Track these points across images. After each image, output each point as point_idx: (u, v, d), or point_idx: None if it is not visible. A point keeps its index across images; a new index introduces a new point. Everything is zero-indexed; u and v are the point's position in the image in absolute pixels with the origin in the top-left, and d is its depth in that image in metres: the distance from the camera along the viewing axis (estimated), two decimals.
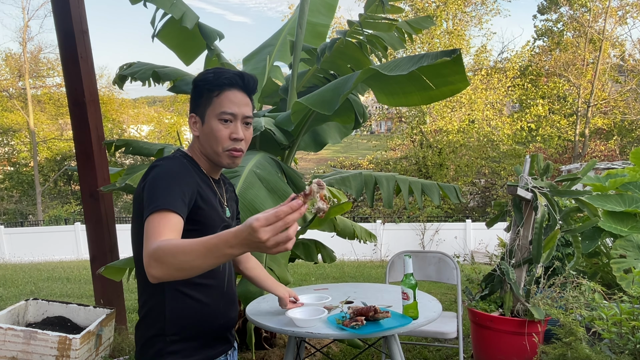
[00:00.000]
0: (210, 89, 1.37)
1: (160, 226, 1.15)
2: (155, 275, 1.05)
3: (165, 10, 3.18)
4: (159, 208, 1.17)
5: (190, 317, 1.33)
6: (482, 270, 3.76)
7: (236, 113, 1.37)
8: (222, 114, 1.36)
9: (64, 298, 5.93)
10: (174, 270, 1.04)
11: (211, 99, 1.36)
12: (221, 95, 1.36)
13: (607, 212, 4.21)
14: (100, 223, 3.81)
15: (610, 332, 2.61)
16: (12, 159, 24.98)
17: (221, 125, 1.36)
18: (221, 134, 1.36)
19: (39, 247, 13.85)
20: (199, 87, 1.39)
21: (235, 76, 1.37)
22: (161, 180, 1.24)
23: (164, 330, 1.31)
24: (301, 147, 3.70)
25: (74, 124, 3.79)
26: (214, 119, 1.36)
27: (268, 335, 3.55)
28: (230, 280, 1.46)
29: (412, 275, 1.87)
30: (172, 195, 1.21)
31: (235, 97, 1.37)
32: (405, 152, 20.78)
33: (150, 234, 1.13)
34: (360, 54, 3.49)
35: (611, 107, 21.22)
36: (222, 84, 1.36)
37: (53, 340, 3.11)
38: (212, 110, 1.36)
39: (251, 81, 1.40)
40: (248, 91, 1.41)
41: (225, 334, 1.44)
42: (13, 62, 23.92)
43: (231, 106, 1.36)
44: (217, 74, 1.37)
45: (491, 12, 20.70)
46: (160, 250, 1.05)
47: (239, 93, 1.38)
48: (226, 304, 1.43)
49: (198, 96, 1.39)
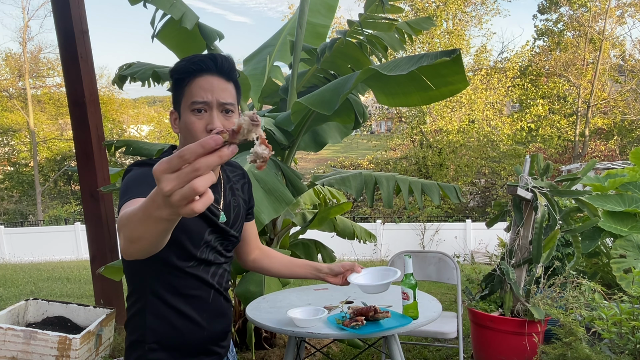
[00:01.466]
0: (180, 78, 1.22)
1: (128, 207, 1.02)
2: (123, 250, 0.93)
3: (165, 11, 3.18)
4: (128, 199, 1.08)
5: (171, 328, 1.27)
6: (482, 270, 3.76)
7: (208, 100, 1.20)
8: (193, 104, 1.20)
9: (64, 298, 5.93)
10: (129, 242, 0.88)
11: (182, 90, 1.22)
12: (192, 83, 1.21)
13: (607, 212, 4.21)
14: (100, 223, 3.81)
15: (610, 332, 2.61)
16: (12, 159, 24.99)
17: (194, 117, 1.20)
18: (195, 127, 1.20)
19: (39, 247, 13.85)
20: (172, 79, 1.25)
21: (206, 59, 1.21)
22: (132, 181, 1.16)
23: (144, 337, 1.27)
24: (301, 147, 3.70)
25: (74, 124, 3.80)
26: (187, 111, 1.21)
27: (268, 335, 3.55)
28: (218, 293, 1.36)
29: (412, 275, 1.87)
30: (143, 189, 1.09)
31: (207, 83, 1.21)
32: (405, 152, 20.79)
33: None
34: (360, 54, 3.49)
35: (611, 107, 21.23)
36: (191, 70, 1.21)
37: (53, 340, 3.11)
38: (185, 102, 1.22)
39: (225, 62, 1.23)
40: (224, 74, 1.23)
41: (208, 347, 1.34)
42: (13, 62, 23.93)
43: (202, 93, 1.20)
44: (186, 60, 1.22)
45: (491, 12, 20.73)
46: (119, 223, 0.92)
47: (212, 77, 1.21)
48: (210, 317, 1.33)
49: (174, 89, 1.25)
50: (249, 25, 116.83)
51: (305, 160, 30.90)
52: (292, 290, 2.45)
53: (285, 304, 2.12)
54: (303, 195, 3.99)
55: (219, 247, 1.33)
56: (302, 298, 2.23)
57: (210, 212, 1.29)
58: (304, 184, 3.12)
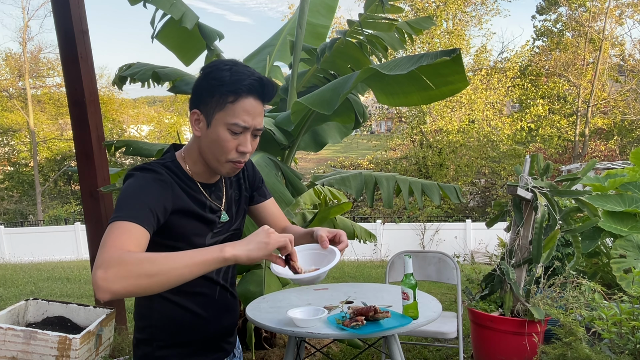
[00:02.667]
0: (225, 92, 1.19)
1: (122, 237, 1.03)
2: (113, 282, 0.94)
3: (165, 11, 3.18)
4: (121, 218, 1.07)
5: (178, 324, 1.29)
6: (482, 270, 3.76)
7: (249, 125, 1.21)
8: (234, 125, 1.20)
9: (64, 298, 5.93)
10: (145, 277, 0.96)
11: (224, 104, 1.19)
12: (237, 103, 1.19)
13: (607, 212, 4.21)
14: (100, 223, 3.81)
15: (610, 332, 2.61)
16: (12, 159, 25.00)
17: (230, 135, 1.21)
18: (228, 145, 1.21)
19: (39, 247, 13.85)
20: (211, 86, 1.20)
21: (255, 82, 1.20)
22: (130, 192, 1.14)
23: (153, 335, 1.28)
24: (301, 147, 3.70)
25: (74, 124, 3.79)
26: (223, 126, 1.20)
27: (268, 335, 3.55)
28: (224, 289, 1.37)
29: (412, 275, 1.87)
30: (138, 207, 1.10)
31: (252, 107, 1.21)
32: (405, 152, 20.80)
33: (110, 243, 1.01)
34: (360, 54, 3.49)
35: (611, 107, 21.24)
36: (240, 90, 1.19)
37: (53, 340, 3.11)
38: (223, 117, 1.20)
39: (270, 89, 1.24)
40: (265, 99, 1.25)
41: (217, 343, 1.36)
42: (13, 62, 23.94)
43: (246, 118, 1.20)
44: (234, 76, 1.19)
45: (491, 12, 20.75)
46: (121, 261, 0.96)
47: (256, 102, 1.22)
48: (218, 312, 1.35)
49: (208, 94, 1.21)
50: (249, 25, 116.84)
51: (305, 160, 30.89)
52: (292, 290, 2.45)
53: (285, 304, 2.12)
54: (303, 195, 3.99)
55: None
56: (302, 298, 2.23)
57: (212, 215, 1.30)
58: (303, 184, 3.12)
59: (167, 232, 1.20)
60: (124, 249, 1.00)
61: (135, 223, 1.06)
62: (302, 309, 1.88)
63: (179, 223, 1.22)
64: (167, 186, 1.19)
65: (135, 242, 1.04)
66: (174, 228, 1.21)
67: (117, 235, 1.03)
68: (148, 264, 0.98)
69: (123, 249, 1.00)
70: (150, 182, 1.17)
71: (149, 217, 1.10)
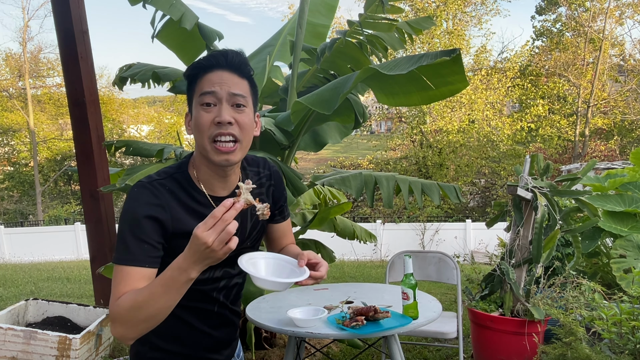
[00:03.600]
0: (192, 74, 1.18)
1: (121, 284, 1.09)
2: (125, 335, 1.08)
3: (164, 12, 3.18)
4: (120, 262, 1.10)
5: (174, 333, 1.27)
6: (482, 270, 3.76)
7: (217, 91, 1.14)
8: (201, 96, 1.14)
9: (64, 298, 5.92)
10: (143, 323, 1.06)
11: (194, 87, 1.18)
12: (202, 78, 1.16)
13: (607, 212, 4.21)
14: (100, 223, 3.81)
15: (610, 332, 2.61)
16: (12, 159, 25.01)
17: (203, 111, 1.14)
18: (203, 121, 1.14)
19: (39, 247, 13.85)
20: (186, 79, 1.21)
21: (217, 54, 1.17)
22: (126, 227, 1.12)
23: (147, 337, 1.24)
24: (301, 147, 3.70)
25: (74, 124, 3.80)
26: (197, 106, 1.16)
27: (268, 335, 3.55)
28: (223, 306, 1.32)
29: (412, 275, 1.87)
30: (134, 245, 1.10)
31: (217, 77, 1.15)
32: (405, 152, 20.79)
33: (113, 292, 1.10)
34: (360, 54, 3.49)
35: (611, 107, 21.24)
36: (202, 66, 1.17)
37: (53, 340, 3.11)
38: (195, 98, 1.17)
39: (236, 57, 1.17)
40: (236, 68, 1.17)
41: (209, 354, 1.33)
42: (13, 62, 23.94)
43: (210, 85, 1.14)
44: (200, 58, 1.19)
45: (491, 12, 20.75)
46: (119, 315, 1.06)
47: (223, 72, 1.16)
48: (214, 326, 1.31)
49: (187, 91, 1.22)
50: (250, 25, 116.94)
51: (305, 160, 30.90)
52: (292, 290, 2.45)
53: (285, 304, 2.12)
54: (303, 195, 3.99)
55: (228, 264, 1.28)
56: (302, 298, 2.23)
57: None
58: (304, 184, 3.12)
59: (172, 254, 1.14)
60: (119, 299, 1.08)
61: (133, 266, 1.10)
62: (302, 309, 1.88)
63: (182, 245, 1.12)
64: (164, 211, 1.14)
65: (133, 286, 1.09)
66: (177, 250, 1.13)
67: (118, 282, 1.10)
68: (137, 312, 1.05)
69: (118, 301, 1.08)
70: (144, 212, 1.13)
71: (147, 252, 1.11)
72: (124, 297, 1.07)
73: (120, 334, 1.07)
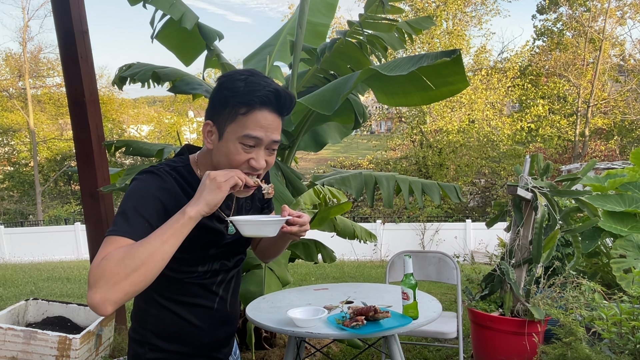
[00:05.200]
0: (237, 103, 1.14)
1: (109, 248, 1.04)
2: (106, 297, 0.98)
3: (165, 11, 3.17)
4: (114, 233, 1.06)
5: (173, 332, 1.27)
6: (482, 270, 3.76)
7: (262, 138, 1.15)
8: (245, 137, 1.14)
9: (64, 298, 5.93)
10: (132, 274, 0.99)
11: (236, 116, 1.14)
12: (249, 115, 1.14)
13: (607, 212, 4.21)
14: (100, 223, 3.81)
15: (610, 332, 2.61)
16: (12, 159, 25.00)
17: (241, 148, 1.15)
18: (238, 158, 1.15)
19: (39, 247, 13.85)
20: (224, 96, 1.15)
21: (270, 94, 1.14)
22: (130, 204, 1.11)
23: (146, 338, 1.28)
24: (301, 147, 3.70)
25: (74, 124, 3.79)
26: (234, 140, 1.15)
27: (268, 335, 3.55)
28: (223, 301, 1.33)
29: (412, 275, 1.87)
30: (133, 220, 1.08)
31: (266, 120, 1.15)
32: (405, 152, 20.79)
33: (99, 253, 1.03)
34: (360, 54, 3.49)
35: (611, 107, 21.24)
36: (253, 102, 1.13)
37: (53, 340, 3.11)
38: (235, 129, 1.14)
39: (287, 101, 1.17)
40: (281, 112, 1.18)
41: (208, 353, 1.34)
42: (13, 62, 23.93)
43: (258, 130, 1.14)
44: (248, 86, 1.14)
45: (491, 12, 20.74)
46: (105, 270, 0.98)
47: (271, 115, 1.16)
48: (214, 324, 1.32)
49: (221, 105, 1.16)
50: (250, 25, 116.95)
51: (305, 160, 30.90)
52: (292, 290, 2.45)
53: (285, 304, 2.12)
54: (303, 195, 3.99)
55: (225, 256, 1.31)
56: (302, 298, 2.23)
57: (219, 225, 1.26)
58: (304, 184, 3.12)
59: None
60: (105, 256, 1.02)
61: (127, 238, 1.06)
62: (302, 309, 1.88)
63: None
64: (170, 196, 1.15)
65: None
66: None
67: (104, 249, 1.04)
68: (128, 260, 0.99)
69: (104, 258, 1.01)
70: (152, 191, 1.13)
71: (144, 230, 1.08)
72: (113, 252, 1.01)
73: (99, 298, 0.97)
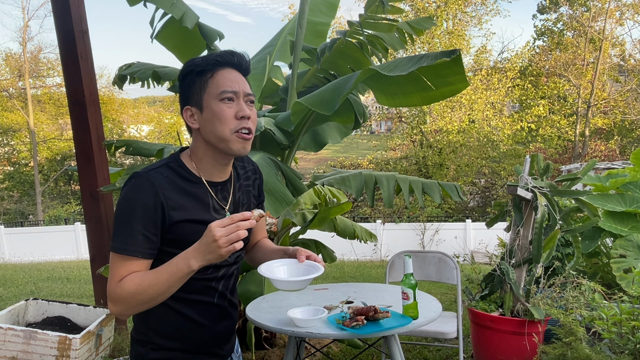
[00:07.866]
0: (201, 71, 1.25)
1: (120, 270, 1.20)
2: (122, 313, 1.21)
3: (165, 10, 3.17)
4: (116, 250, 1.20)
5: (174, 329, 1.30)
6: (482, 270, 3.76)
7: (237, 90, 1.25)
8: (222, 93, 1.23)
9: (64, 298, 5.92)
10: (144, 304, 1.19)
11: (205, 83, 1.25)
12: (215, 75, 1.25)
13: (607, 212, 4.21)
14: (100, 223, 3.81)
15: (610, 332, 2.61)
16: (12, 159, 24.98)
17: (224, 105, 1.23)
18: (225, 114, 1.23)
19: (39, 247, 13.84)
20: (188, 76, 1.27)
21: (226, 54, 1.27)
22: (122, 217, 1.20)
23: (148, 337, 1.30)
24: (301, 147, 3.70)
25: (74, 124, 3.79)
26: (214, 100, 1.24)
27: (268, 335, 3.55)
28: (223, 297, 1.36)
29: (412, 275, 1.87)
30: (129, 236, 1.18)
31: (232, 75, 1.26)
32: (405, 152, 20.78)
33: (110, 277, 1.21)
34: (361, 54, 3.49)
35: (611, 107, 21.22)
36: (214, 63, 1.25)
37: (53, 340, 3.11)
38: (210, 93, 1.24)
39: (244, 59, 1.29)
40: (242, 70, 1.30)
41: (210, 349, 1.36)
42: (13, 62, 23.92)
43: (230, 83, 1.24)
44: (205, 57, 1.27)
45: (491, 12, 20.73)
46: (121, 297, 1.18)
47: (233, 72, 1.27)
48: (214, 320, 1.34)
49: (188, 86, 1.27)
50: (250, 26, 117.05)
51: (305, 160, 30.88)
52: None
53: (285, 304, 2.12)
54: (303, 195, 3.98)
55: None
56: (302, 298, 2.23)
57: (215, 215, 1.28)
58: (304, 184, 3.12)
59: (172, 242, 1.23)
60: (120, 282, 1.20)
61: (129, 255, 1.19)
62: (302, 309, 1.88)
63: (182, 232, 1.23)
64: (160, 198, 1.20)
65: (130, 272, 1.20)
66: (177, 238, 1.23)
67: (117, 267, 1.20)
68: (139, 296, 1.17)
69: (119, 283, 1.19)
70: (139, 201, 1.20)
71: (142, 243, 1.19)
72: (127, 280, 1.18)
73: (118, 312, 1.20)
